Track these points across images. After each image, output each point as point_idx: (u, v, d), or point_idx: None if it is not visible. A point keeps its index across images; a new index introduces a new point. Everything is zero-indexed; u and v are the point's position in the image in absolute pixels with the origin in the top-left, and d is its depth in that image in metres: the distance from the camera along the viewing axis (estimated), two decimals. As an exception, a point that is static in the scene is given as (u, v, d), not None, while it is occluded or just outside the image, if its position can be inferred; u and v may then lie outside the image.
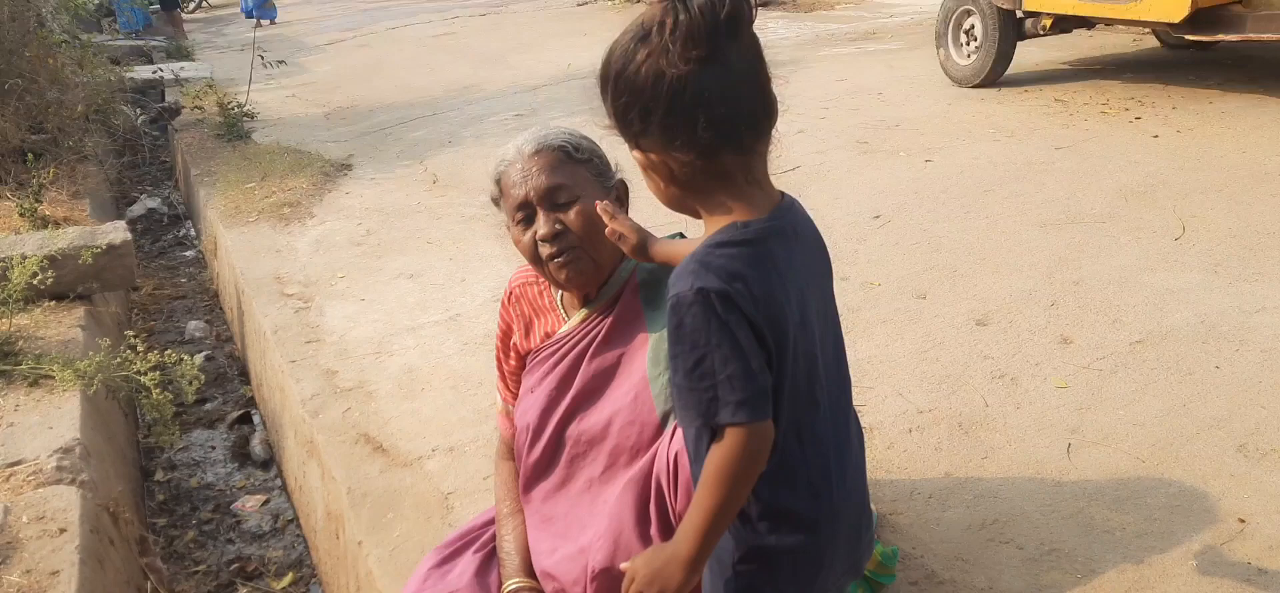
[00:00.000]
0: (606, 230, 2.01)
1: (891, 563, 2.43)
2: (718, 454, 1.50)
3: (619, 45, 1.55)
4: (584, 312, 2.26)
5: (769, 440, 1.52)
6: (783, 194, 1.64)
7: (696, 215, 1.64)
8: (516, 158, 2.19)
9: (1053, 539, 2.54)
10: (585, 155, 2.19)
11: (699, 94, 1.49)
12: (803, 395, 1.61)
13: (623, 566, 1.62)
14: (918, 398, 3.23)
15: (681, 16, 1.46)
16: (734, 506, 1.52)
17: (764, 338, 1.51)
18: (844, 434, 1.72)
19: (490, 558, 2.38)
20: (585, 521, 2.18)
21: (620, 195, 2.26)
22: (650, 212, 1.97)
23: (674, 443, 1.95)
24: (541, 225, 2.14)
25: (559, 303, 2.35)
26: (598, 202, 2.04)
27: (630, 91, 1.52)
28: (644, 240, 1.99)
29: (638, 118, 1.53)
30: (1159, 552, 2.47)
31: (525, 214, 2.17)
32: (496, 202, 2.29)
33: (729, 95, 1.51)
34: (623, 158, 2.16)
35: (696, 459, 1.62)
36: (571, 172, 2.16)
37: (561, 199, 2.14)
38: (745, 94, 1.54)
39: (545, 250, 2.15)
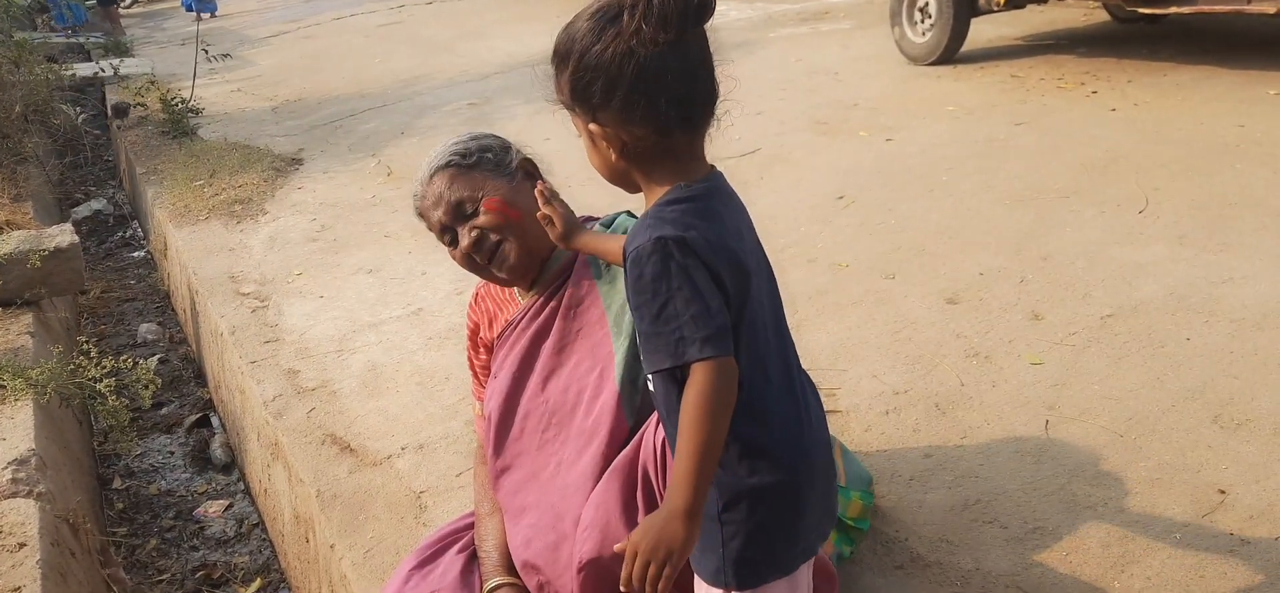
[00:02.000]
0: (538, 214, 2.07)
1: (868, 501, 2.45)
2: (692, 394, 1.55)
3: (581, 26, 1.62)
4: (532, 291, 2.30)
5: (735, 376, 1.57)
6: (712, 166, 1.73)
7: (634, 189, 1.73)
8: (422, 191, 2.26)
9: (1036, 517, 2.53)
10: (474, 159, 2.24)
11: (663, 75, 1.58)
12: (763, 336, 1.68)
13: (617, 547, 1.61)
14: (892, 379, 3.21)
15: (656, 1, 1.54)
16: (716, 443, 1.55)
17: (721, 280, 1.58)
18: (802, 377, 1.79)
19: (474, 558, 2.35)
20: (560, 508, 2.16)
21: (530, 171, 2.30)
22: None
23: (659, 430, 1.94)
24: (463, 239, 2.22)
25: (517, 292, 2.37)
26: (538, 184, 2.09)
27: (595, 69, 1.60)
28: (571, 228, 2.07)
29: (600, 93, 1.60)
30: (1142, 526, 2.46)
31: (449, 236, 2.24)
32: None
33: (688, 77, 1.61)
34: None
35: (669, 414, 1.68)
36: (467, 180, 2.22)
37: (468, 209, 2.21)
38: (701, 76, 1.63)
39: (478, 258, 2.22)
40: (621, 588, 1.59)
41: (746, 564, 1.69)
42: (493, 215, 2.19)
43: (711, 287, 1.57)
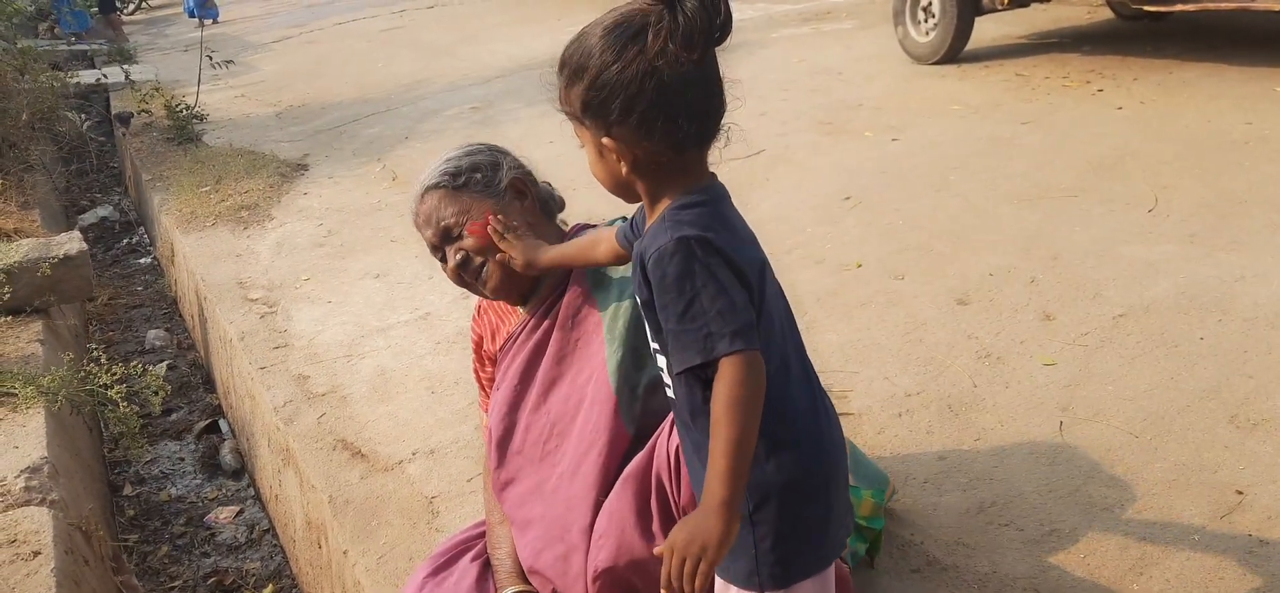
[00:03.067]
0: (496, 257, 2.16)
1: (880, 499, 2.44)
2: (723, 389, 1.55)
3: (596, 41, 1.62)
4: (531, 304, 2.32)
5: (763, 370, 1.58)
6: (712, 173, 1.74)
7: (635, 199, 1.75)
8: (416, 208, 2.29)
9: (1052, 520, 2.52)
10: (463, 179, 2.26)
11: (684, 93, 1.59)
12: (780, 333, 1.70)
13: (657, 551, 1.62)
14: (904, 381, 3.21)
15: (681, 20, 1.54)
16: (750, 436, 1.56)
17: (743, 277, 1.60)
18: (815, 375, 1.80)
19: (489, 565, 2.36)
20: (566, 519, 2.17)
21: (520, 189, 2.29)
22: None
23: (673, 437, 1.95)
24: (450, 260, 2.26)
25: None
26: (489, 218, 2.17)
27: (615, 86, 1.59)
28: (530, 256, 2.16)
29: (619, 110, 1.60)
30: (1159, 528, 2.46)
31: (439, 255, 2.29)
32: None
33: (705, 95, 1.63)
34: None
35: (692, 415, 1.70)
36: (455, 201, 2.24)
37: (455, 232, 2.24)
38: (715, 92, 1.64)
39: (465, 278, 2.25)
40: (661, 589, 1.59)
41: (780, 564, 1.70)
42: (475, 239, 2.21)
43: (735, 283, 1.58)
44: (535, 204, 2.31)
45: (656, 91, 1.57)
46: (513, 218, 2.23)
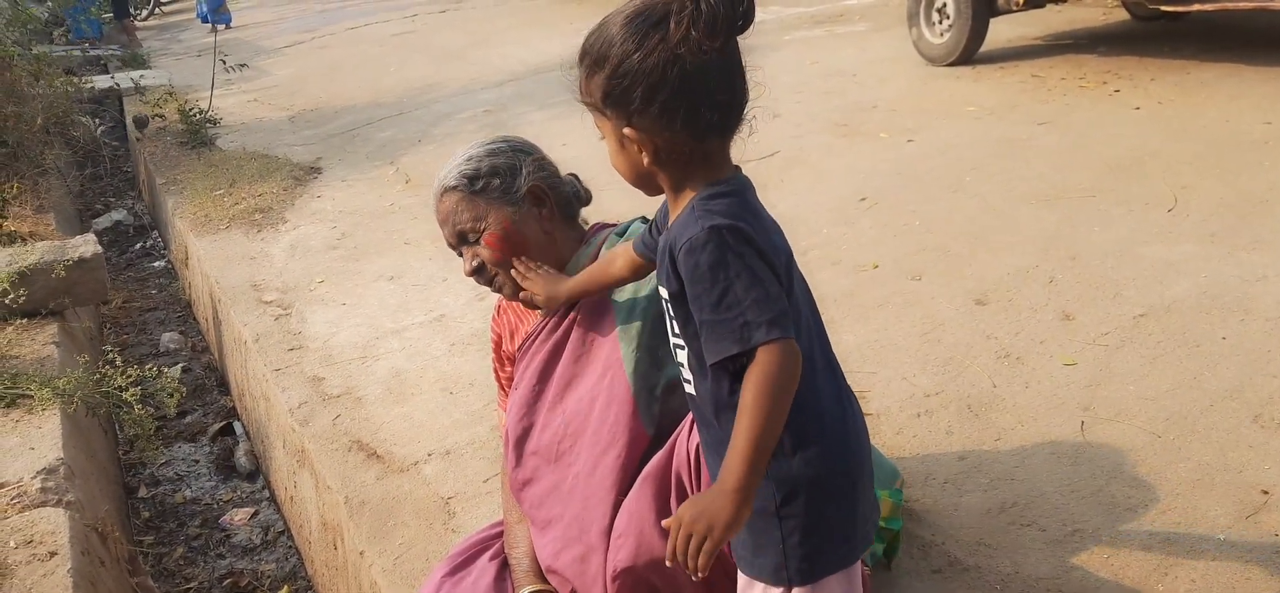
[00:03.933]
0: (520, 296, 2.16)
1: (897, 498, 2.42)
2: (756, 376, 1.53)
3: (618, 30, 1.60)
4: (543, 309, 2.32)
5: (799, 358, 1.56)
6: (737, 165, 1.73)
7: (656, 192, 1.73)
8: (436, 204, 2.29)
9: (1075, 520, 2.49)
10: (482, 184, 2.24)
11: (706, 81, 1.58)
12: (805, 326, 1.69)
13: (665, 523, 1.61)
14: (923, 381, 3.19)
15: (704, 7, 1.54)
16: (776, 425, 1.54)
17: (773, 267, 1.58)
18: (839, 369, 1.79)
19: (507, 565, 2.35)
20: (584, 519, 2.16)
21: (538, 196, 2.27)
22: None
23: (693, 436, 1.94)
24: (465, 263, 2.27)
25: None
26: (516, 264, 2.20)
27: (636, 74, 1.58)
28: (552, 293, 2.16)
29: (640, 98, 1.59)
30: (1184, 528, 2.43)
31: (457, 251, 2.29)
32: None
33: (727, 83, 1.62)
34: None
35: (718, 410, 1.67)
36: (473, 206, 2.23)
37: (470, 237, 2.24)
38: (739, 83, 1.63)
39: (481, 280, 2.26)
40: (667, 562, 1.59)
41: (807, 560, 1.68)
42: (491, 251, 2.21)
43: (768, 272, 1.57)
44: (553, 210, 2.28)
45: (679, 80, 1.56)
46: (529, 225, 2.23)
